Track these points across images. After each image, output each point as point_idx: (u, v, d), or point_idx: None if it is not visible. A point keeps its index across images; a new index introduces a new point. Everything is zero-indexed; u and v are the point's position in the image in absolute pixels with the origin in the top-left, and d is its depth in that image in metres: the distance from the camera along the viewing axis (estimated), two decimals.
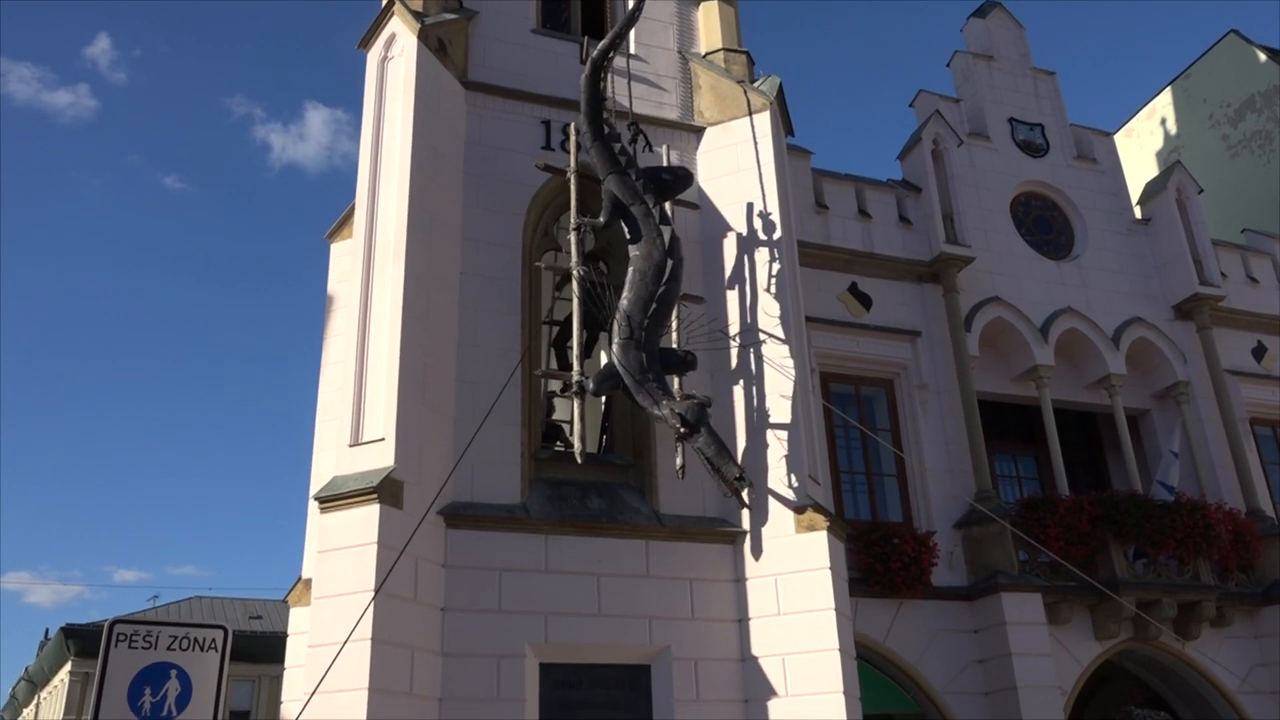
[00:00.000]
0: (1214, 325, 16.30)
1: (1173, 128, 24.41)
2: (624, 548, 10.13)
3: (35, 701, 40.40)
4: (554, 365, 11.57)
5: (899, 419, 14.19)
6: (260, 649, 29.05)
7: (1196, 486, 15.03)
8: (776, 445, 10.55)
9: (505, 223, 11.25)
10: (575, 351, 10.05)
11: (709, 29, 13.24)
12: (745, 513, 10.34)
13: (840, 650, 9.60)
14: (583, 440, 9.65)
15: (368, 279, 10.15)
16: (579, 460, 9.64)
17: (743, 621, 10.11)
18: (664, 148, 11.83)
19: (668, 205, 10.96)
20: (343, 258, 12.58)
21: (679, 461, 10.21)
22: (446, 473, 9.77)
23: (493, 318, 10.74)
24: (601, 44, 10.92)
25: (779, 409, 10.67)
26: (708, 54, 13.04)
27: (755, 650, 9.92)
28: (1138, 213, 17.29)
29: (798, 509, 10.18)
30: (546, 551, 9.89)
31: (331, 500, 9.12)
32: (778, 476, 10.42)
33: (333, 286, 12.81)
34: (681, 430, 9.48)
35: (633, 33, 12.60)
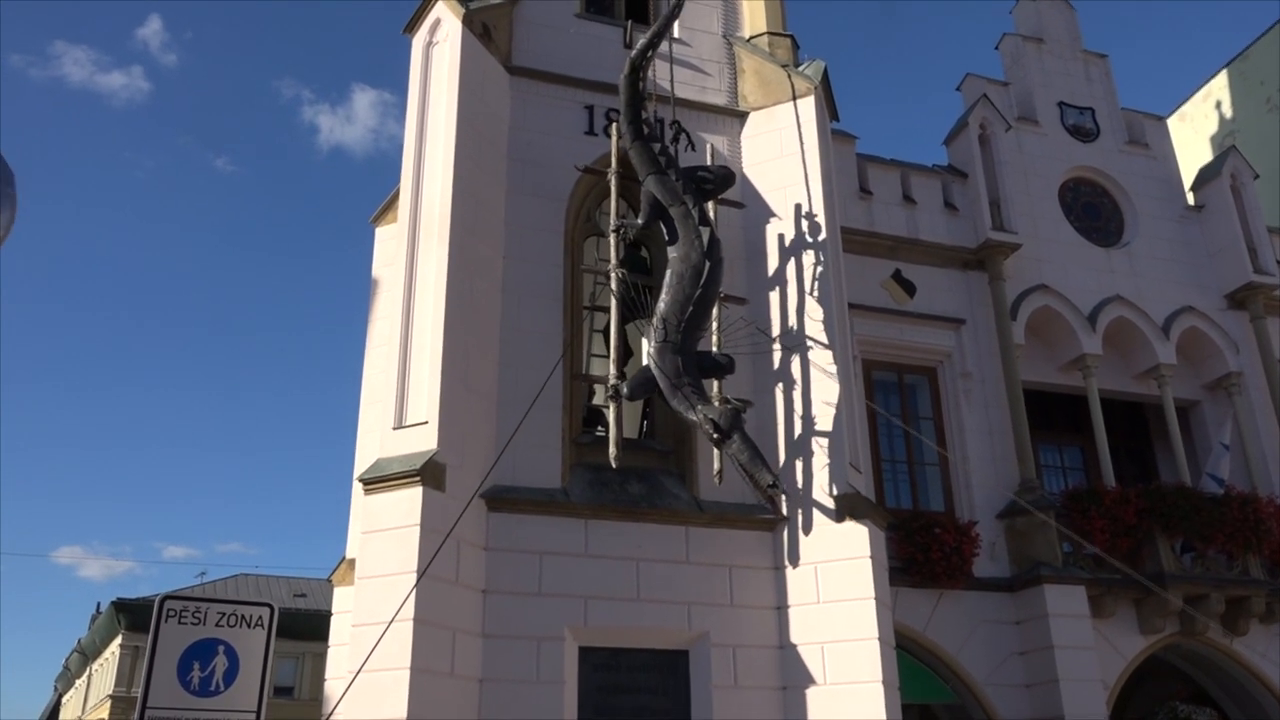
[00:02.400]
0: (1268, 315, 15.93)
1: (1228, 111, 23.81)
2: (664, 533, 10.16)
3: (87, 672, 41.43)
4: (594, 350, 11.59)
5: (942, 407, 14.05)
6: (304, 626, 29.55)
7: (1247, 480, 14.74)
8: (819, 434, 10.50)
9: (548, 207, 11.27)
10: (612, 356, 10.00)
11: (753, 13, 13.13)
12: (784, 499, 10.31)
13: (880, 639, 9.56)
14: (618, 445, 9.54)
15: (411, 263, 10.23)
16: (614, 465, 9.57)
17: (782, 609, 10.10)
18: (708, 146, 11.72)
19: (709, 205, 10.85)
20: (387, 241, 12.69)
21: (716, 466, 10.21)
22: (488, 456, 9.84)
23: (535, 302, 10.78)
24: (640, 44, 10.85)
25: (822, 404, 10.59)
26: (752, 38, 12.93)
27: (794, 638, 9.91)
28: (1190, 199, 16.93)
29: (838, 497, 10.14)
30: (586, 536, 9.94)
31: (375, 482, 9.24)
32: (819, 464, 10.37)
33: (377, 270, 12.92)
34: (714, 436, 9.41)
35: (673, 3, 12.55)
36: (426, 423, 9.43)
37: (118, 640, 34.90)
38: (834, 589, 9.87)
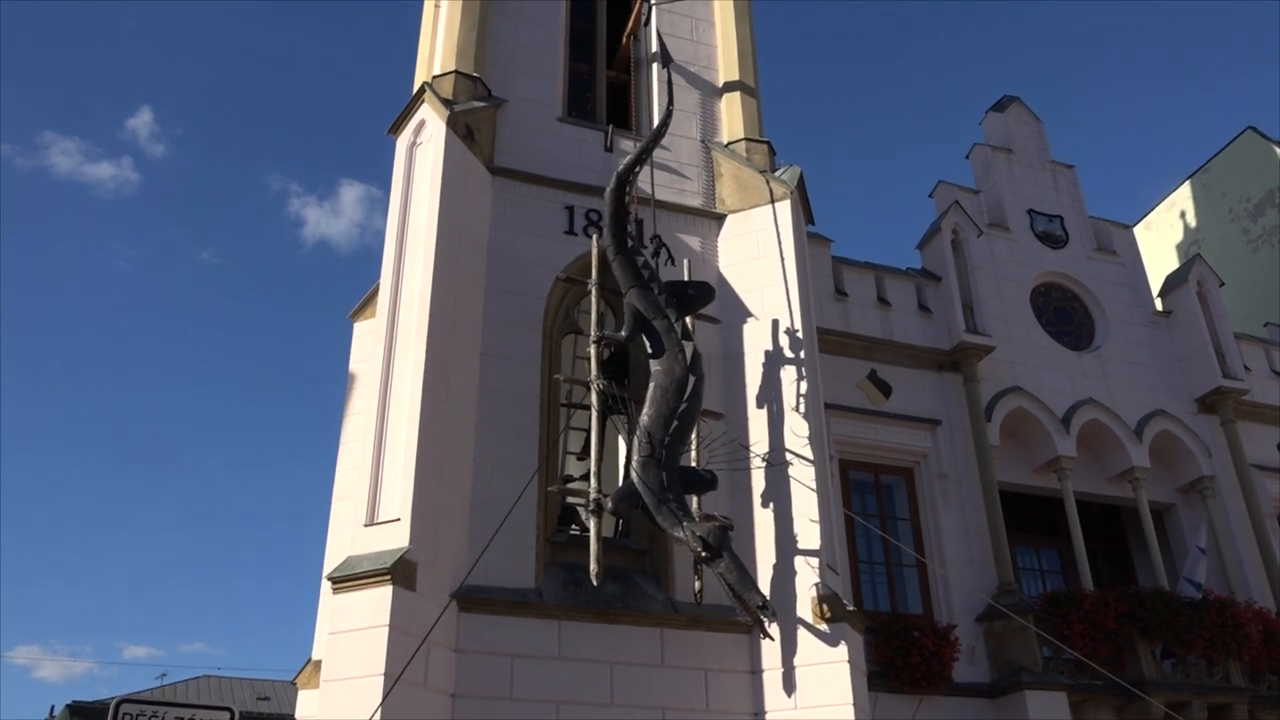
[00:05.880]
0: (1238, 419, 16.10)
1: (1192, 221, 24.51)
2: (638, 635, 9.97)
3: None
4: (570, 447, 11.54)
5: (919, 508, 14.00)
6: None
7: (1225, 584, 14.69)
8: (796, 538, 10.41)
9: (526, 305, 11.36)
10: (593, 469, 9.91)
11: (731, 119, 13.50)
12: (776, 621, 10.06)
13: None
14: (599, 562, 9.37)
15: (389, 359, 10.22)
16: (595, 581, 9.38)
17: (759, 714, 9.87)
18: (685, 261, 11.87)
19: (688, 320, 10.93)
20: (365, 337, 12.71)
21: (697, 585, 10.10)
22: (461, 554, 9.71)
23: (511, 399, 10.76)
24: (628, 160, 11.13)
25: (801, 511, 10.52)
26: (730, 143, 13.27)
27: None
28: (1159, 305, 17.27)
29: (816, 601, 10.00)
30: (560, 638, 9.74)
31: (344, 580, 9.05)
32: (796, 567, 10.26)
33: (354, 365, 12.91)
34: (703, 554, 9.30)
35: (657, 124, 12.87)
36: (399, 520, 9.29)
37: None
38: (811, 694, 9.66)
